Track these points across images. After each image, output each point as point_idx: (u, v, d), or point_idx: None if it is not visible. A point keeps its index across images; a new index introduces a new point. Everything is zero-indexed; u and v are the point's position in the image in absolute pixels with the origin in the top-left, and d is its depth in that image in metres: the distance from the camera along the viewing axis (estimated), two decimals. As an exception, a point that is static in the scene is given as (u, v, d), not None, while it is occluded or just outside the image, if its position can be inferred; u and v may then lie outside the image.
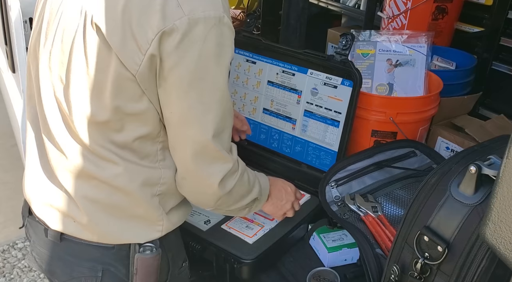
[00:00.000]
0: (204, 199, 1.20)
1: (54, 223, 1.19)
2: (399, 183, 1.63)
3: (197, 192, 1.19)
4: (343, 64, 1.63)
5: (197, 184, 1.16)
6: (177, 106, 1.06)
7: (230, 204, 1.24)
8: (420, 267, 0.95)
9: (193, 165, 1.11)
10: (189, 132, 1.08)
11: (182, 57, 1.00)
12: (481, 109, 2.33)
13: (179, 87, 1.03)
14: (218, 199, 1.18)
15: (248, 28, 1.91)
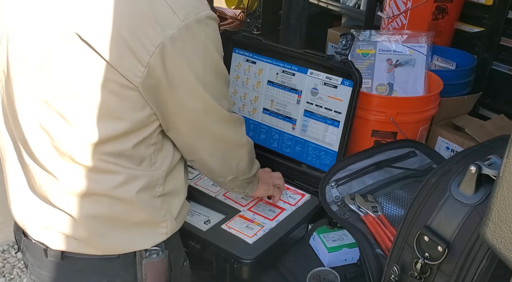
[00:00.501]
0: (235, 162, 1.30)
1: (54, 243, 1.15)
2: (399, 183, 1.63)
3: (229, 158, 1.28)
4: (343, 64, 1.63)
5: (228, 151, 1.26)
6: (194, 107, 1.10)
7: (249, 167, 1.37)
8: (420, 267, 0.95)
9: (221, 141, 1.22)
10: (210, 123, 1.17)
11: (189, 62, 1.03)
12: (481, 109, 2.33)
13: (193, 90, 1.07)
14: (248, 153, 1.33)
15: (248, 28, 1.91)
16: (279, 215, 1.56)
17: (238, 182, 1.37)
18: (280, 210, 1.59)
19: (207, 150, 1.22)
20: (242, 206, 1.61)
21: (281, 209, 1.59)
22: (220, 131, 1.21)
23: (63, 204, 1.12)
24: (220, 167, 1.28)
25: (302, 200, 1.64)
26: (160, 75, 1.01)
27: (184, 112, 1.11)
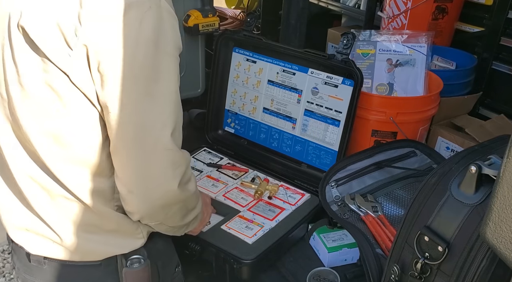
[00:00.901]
0: (159, 211, 1.09)
1: (33, 247, 1.13)
2: (399, 183, 1.63)
3: (151, 203, 1.06)
4: (344, 63, 1.63)
5: (152, 192, 1.04)
6: (122, 104, 0.96)
7: (178, 217, 1.17)
8: (420, 267, 0.95)
9: (146, 171, 1.01)
10: (138, 132, 0.99)
11: (117, 47, 0.92)
12: (481, 109, 2.33)
13: (123, 81, 0.94)
14: (172, 206, 1.10)
15: (248, 27, 1.91)
16: (279, 215, 1.56)
17: (164, 228, 1.19)
18: (280, 210, 1.58)
19: (125, 182, 1.05)
20: (242, 207, 1.61)
21: (281, 209, 1.59)
22: (143, 166, 1.02)
23: (39, 206, 1.10)
24: (140, 212, 1.10)
25: (302, 199, 1.64)
26: (89, 60, 0.94)
27: (114, 106, 0.97)
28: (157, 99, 0.98)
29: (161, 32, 0.96)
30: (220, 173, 1.78)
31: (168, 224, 1.16)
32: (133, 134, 0.98)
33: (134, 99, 0.96)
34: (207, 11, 1.96)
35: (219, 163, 1.83)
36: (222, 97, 1.99)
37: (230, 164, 1.83)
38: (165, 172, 1.03)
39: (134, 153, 1.00)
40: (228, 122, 2.02)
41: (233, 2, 3.44)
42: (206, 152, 1.90)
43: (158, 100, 0.99)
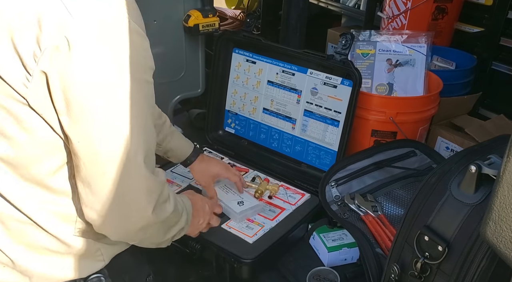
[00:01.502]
0: (135, 234, 1.05)
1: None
2: (399, 183, 1.63)
3: (126, 229, 1.03)
4: (342, 63, 1.63)
5: (126, 219, 1.00)
6: (90, 135, 0.91)
7: (159, 235, 1.12)
8: (420, 266, 0.95)
9: (118, 199, 0.96)
10: (109, 162, 0.93)
11: (82, 77, 0.87)
12: (481, 109, 2.33)
13: (89, 112, 0.89)
14: (148, 228, 1.04)
15: (248, 28, 1.91)
16: (279, 214, 1.56)
17: (146, 243, 1.14)
18: (280, 210, 1.59)
19: (96, 208, 0.98)
20: (242, 206, 1.61)
21: (281, 209, 1.59)
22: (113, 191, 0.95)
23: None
24: (115, 235, 1.05)
25: (302, 199, 1.64)
26: (50, 85, 0.88)
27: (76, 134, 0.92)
28: (125, 128, 0.92)
29: (130, 58, 0.91)
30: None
31: (149, 241, 1.12)
32: (104, 166, 0.93)
33: (102, 130, 0.91)
34: (207, 11, 1.96)
35: (219, 163, 1.83)
36: (222, 97, 1.99)
37: (230, 164, 1.83)
38: (139, 199, 0.99)
39: (106, 183, 0.94)
40: (229, 123, 2.02)
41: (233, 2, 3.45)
42: (206, 152, 1.90)
43: (126, 130, 0.92)
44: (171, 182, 1.70)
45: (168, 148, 1.51)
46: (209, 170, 1.58)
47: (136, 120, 0.93)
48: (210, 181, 1.59)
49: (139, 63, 0.93)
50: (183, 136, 1.56)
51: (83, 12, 0.87)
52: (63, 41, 0.85)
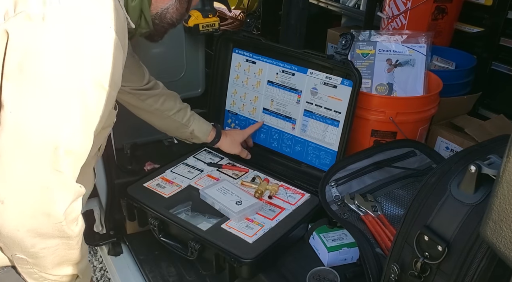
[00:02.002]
0: (27, 237, 0.94)
1: None
2: (399, 183, 1.63)
3: (22, 220, 0.93)
4: (342, 64, 1.63)
5: (28, 207, 0.92)
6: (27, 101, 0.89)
7: (56, 260, 1.02)
8: (420, 266, 0.95)
9: (28, 179, 0.90)
10: (33, 133, 0.90)
11: (47, 45, 0.88)
12: (480, 109, 2.34)
13: (38, 77, 0.89)
14: (54, 237, 0.97)
15: (248, 28, 1.91)
16: (279, 214, 1.56)
17: (25, 268, 1.02)
18: (280, 210, 1.59)
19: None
20: (242, 206, 1.61)
21: (281, 209, 1.59)
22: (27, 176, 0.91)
23: None
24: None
25: (302, 199, 1.64)
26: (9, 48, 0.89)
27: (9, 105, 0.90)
28: (64, 114, 0.92)
29: (92, 54, 0.92)
30: (221, 173, 1.78)
31: (33, 263, 1.00)
32: (24, 141, 0.90)
33: (41, 107, 0.90)
34: (207, 11, 1.96)
35: (219, 163, 1.83)
36: (222, 97, 1.99)
37: (230, 163, 1.83)
38: (51, 189, 0.93)
39: (17, 160, 0.90)
40: (229, 123, 2.02)
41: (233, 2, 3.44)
42: (206, 151, 1.90)
43: (65, 116, 0.92)
44: (171, 182, 1.70)
45: (192, 129, 1.72)
46: (234, 141, 1.83)
47: (77, 116, 0.92)
48: (239, 146, 1.84)
49: (104, 68, 0.94)
50: (202, 118, 1.76)
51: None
52: (39, 12, 0.87)
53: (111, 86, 0.97)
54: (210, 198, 1.59)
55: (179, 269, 1.66)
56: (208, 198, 1.59)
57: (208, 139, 1.78)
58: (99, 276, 2.56)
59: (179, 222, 1.52)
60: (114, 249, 1.84)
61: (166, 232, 1.58)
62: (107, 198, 1.77)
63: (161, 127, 1.74)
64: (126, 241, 1.82)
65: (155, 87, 1.64)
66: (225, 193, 1.60)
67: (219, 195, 1.59)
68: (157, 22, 1.23)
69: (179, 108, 1.68)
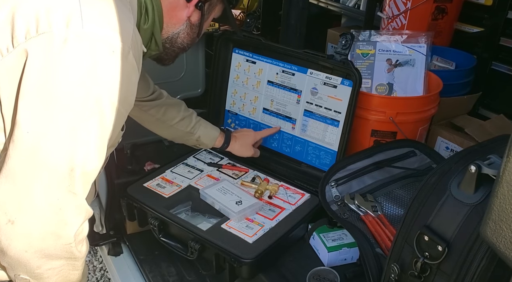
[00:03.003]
0: (34, 257, 0.94)
1: None
2: (399, 183, 1.63)
3: (30, 241, 0.92)
4: (342, 64, 1.63)
5: (37, 228, 0.91)
6: (44, 122, 0.89)
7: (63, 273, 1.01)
8: (420, 266, 0.95)
9: (38, 200, 0.90)
10: (47, 155, 0.89)
11: (67, 68, 0.89)
12: (480, 109, 2.34)
13: (55, 99, 0.89)
14: (60, 258, 0.97)
15: (248, 28, 1.91)
16: (279, 214, 1.56)
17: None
18: (280, 210, 1.59)
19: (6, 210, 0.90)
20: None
21: (281, 209, 1.59)
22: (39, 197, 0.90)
23: None
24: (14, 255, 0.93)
25: (302, 199, 1.64)
26: (23, 68, 0.88)
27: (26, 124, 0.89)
28: (82, 138, 0.92)
29: (111, 78, 0.93)
30: (221, 173, 1.78)
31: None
32: (37, 164, 0.89)
33: (59, 128, 0.90)
34: (207, 11, 1.96)
35: (219, 163, 1.83)
36: (222, 97, 1.99)
37: (230, 163, 1.83)
38: (64, 211, 0.93)
39: (30, 182, 0.90)
40: (229, 123, 2.02)
41: (233, 2, 3.44)
42: (206, 151, 1.90)
43: (83, 139, 0.92)
44: (171, 182, 1.71)
45: (198, 135, 1.70)
46: (245, 144, 1.81)
47: (93, 137, 0.93)
48: (251, 149, 1.81)
49: (121, 92, 0.95)
50: (209, 123, 1.75)
51: (94, 23, 0.91)
52: (62, 35, 0.88)
53: (125, 107, 0.99)
54: (210, 197, 1.59)
55: (179, 269, 1.66)
56: (208, 198, 1.59)
57: (217, 145, 1.77)
58: (99, 276, 2.56)
59: (179, 222, 1.52)
60: (114, 249, 1.84)
61: (166, 232, 1.58)
62: (107, 198, 1.77)
63: (166, 136, 1.75)
64: (126, 241, 1.82)
65: (159, 97, 1.64)
66: (225, 193, 1.60)
67: (219, 195, 1.59)
68: (167, 46, 1.25)
69: (182, 117, 1.67)
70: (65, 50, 0.88)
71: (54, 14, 0.90)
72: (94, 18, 0.92)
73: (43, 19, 0.89)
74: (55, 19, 0.89)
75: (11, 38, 0.89)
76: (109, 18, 0.94)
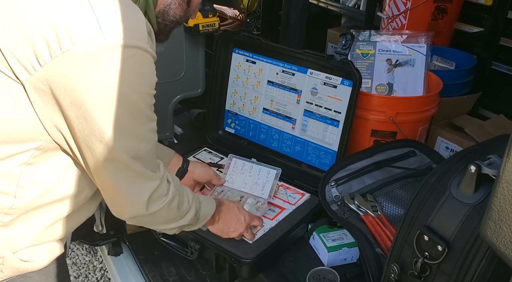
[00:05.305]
0: (124, 214, 1.13)
1: None
2: (399, 183, 1.63)
3: (118, 205, 1.13)
4: (342, 64, 1.63)
5: (119, 200, 1.10)
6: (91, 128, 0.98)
7: (152, 223, 1.22)
8: (420, 266, 0.95)
9: (112, 183, 1.06)
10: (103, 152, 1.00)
11: (98, 81, 0.94)
12: (480, 109, 2.34)
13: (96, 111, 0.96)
14: (137, 216, 1.13)
15: (248, 28, 1.91)
16: (279, 214, 1.57)
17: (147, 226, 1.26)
18: (280, 210, 1.59)
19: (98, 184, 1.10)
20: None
21: (281, 209, 1.59)
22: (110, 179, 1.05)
23: None
24: (110, 206, 1.14)
25: (302, 199, 1.64)
26: (57, 86, 0.93)
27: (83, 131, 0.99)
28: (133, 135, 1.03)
29: (142, 77, 1.01)
30: (221, 173, 1.78)
31: (152, 225, 1.24)
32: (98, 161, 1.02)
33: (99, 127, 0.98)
34: (207, 11, 1.96)
35: (219, 163, 1.83)
36: (222, 97, 2.00)
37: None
38: (128, 192, 1.08)
39: (100, 175, 1.05)
40: (229, 123, 2.02)
41: (233, 3, 3.44)
42: (206, 151, 1.90)
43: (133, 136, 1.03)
44: (171, 182, 1.70)
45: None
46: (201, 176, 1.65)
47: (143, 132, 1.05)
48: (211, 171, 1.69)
49: (148, 83, 1.04)
50: (162, 145, 1.66)
51: (113, 31, 0.93)
52: (86, 50, 0.91)
53: (154, 88, 1.07)
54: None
55: (179, 269, 1.66)
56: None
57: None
58: (99, 276, 2.56)
59: (179, 222, 1.52)
60: (114, 249, 1.84)
61: (166, 232, 1.58)
62: (107, 198, 1.77)
63: None
64: (126, 241, 1.82)
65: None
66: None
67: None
68: (160, 21, 1.23)
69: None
70: (90, 65, 0.92)
71: (75, 31, 0.91)
72: (112, 27, 0.93)
73: (64, 36, 0.91)
74: (76, 35, 0.91)
75: (34, 57, 0.91)
76: (124, 20, 0.95)
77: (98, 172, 1.04)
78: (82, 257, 2.70)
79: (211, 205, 1.36)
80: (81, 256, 2.70)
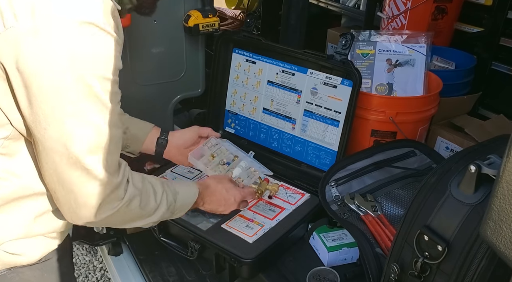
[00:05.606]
0: (76, 219, 1.04)
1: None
2: (399, 183, 1.63)
3: (69, 208, 1.02)
4: (342, 64, 1.63)
5: (69, 202, 1.00)
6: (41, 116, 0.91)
7: (114, 224, 1.16)
8: (420, 266, 0.95)
9: (60, 181, 0.97)
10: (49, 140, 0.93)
11: (44, 60, 0.88)
12: (480, 109, 2.34)
13: (42, 93, 0.90)
14: (89, 222, 1.04)
15: (248, 28, 1.91)
16: (279, 214, 1.57)
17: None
18: (280, 210, 1.59)
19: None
20: (242, 206, 1.61)
21: (281, 209, 1.59)
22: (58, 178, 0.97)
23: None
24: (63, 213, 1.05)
25: (302, 199, 1.64)
26: (7, 66, 0.88)
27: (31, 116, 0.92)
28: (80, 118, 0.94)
29: (96, 57, 0.92)
30: (220, 173, 1.78)
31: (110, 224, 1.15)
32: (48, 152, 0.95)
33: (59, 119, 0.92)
34: (207, 11, 1.96)
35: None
36: (222, 97, 1.99)
37: (230, 163, 1.83)
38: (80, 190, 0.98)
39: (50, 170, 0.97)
40: (229, 123, 2.02)
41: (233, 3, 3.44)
42: (206, 151, 1.90)
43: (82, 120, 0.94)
44: (171, 182, 1.70)
45: (125, 127, 1.50)
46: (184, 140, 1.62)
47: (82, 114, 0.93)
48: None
49: (108, 64, 0.94)
50: (140, 120, 1.57)
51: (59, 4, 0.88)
52: (31, 27, 0.86)
53: (115, 73, 0.97)
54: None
55: (179, 269, 1.66)
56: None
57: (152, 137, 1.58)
58: (99, 276, 2.56)
59: (179, 222, 1.52)
60: (114, 249, 1.84)
61: (166, 232, 1.58)
62: (107, 198, 1.77)
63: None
64: (126, 241, 1.82)
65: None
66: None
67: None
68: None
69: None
70: (38, 43, 0.86)
71: (18, 6, 0.86)
72: (61, 2, 0.88)
73: (7, 12, 0.86)
74: (20, 10, 0.86)
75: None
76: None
77: (47, 166, 0.95)
78: (82, 257, 2.70)
79: (192, 193, 1.30)
80: (81, 256, 2.70)
